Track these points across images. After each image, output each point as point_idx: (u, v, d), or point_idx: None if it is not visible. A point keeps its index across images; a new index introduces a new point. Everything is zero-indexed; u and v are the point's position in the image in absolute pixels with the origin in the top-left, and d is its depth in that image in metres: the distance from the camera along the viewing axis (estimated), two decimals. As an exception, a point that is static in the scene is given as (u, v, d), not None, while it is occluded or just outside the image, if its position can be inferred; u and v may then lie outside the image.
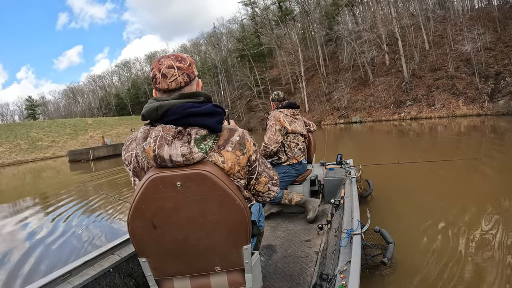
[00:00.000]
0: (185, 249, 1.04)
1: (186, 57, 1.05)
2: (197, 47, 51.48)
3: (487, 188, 4.08)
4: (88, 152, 17.58)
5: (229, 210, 0.99)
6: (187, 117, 0.96)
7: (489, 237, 2.54)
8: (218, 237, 1.03)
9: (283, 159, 2.82)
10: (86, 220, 4.51)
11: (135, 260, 1.67)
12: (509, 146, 7.76)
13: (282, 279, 1.86)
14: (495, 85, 16.81)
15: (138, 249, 1.03)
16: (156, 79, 1.02)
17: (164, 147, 0.91)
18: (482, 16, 21.87)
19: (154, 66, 1.03)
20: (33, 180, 12.59)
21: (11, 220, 5.17)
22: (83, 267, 1.45)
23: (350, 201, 2.31)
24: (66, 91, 66.81)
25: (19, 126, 32.79)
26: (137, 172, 1.04)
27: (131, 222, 0.97)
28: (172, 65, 1.01)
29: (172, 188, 0.93)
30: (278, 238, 2.48)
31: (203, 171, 0.93)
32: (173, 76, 1.00)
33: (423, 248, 2.47)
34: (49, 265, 3.23)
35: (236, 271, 1.12)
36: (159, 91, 1.04)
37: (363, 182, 3.79)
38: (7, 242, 4.15)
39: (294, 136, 2.80)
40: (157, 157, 0.91)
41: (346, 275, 1.28)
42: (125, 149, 1.08)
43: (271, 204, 2.95)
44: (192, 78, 1.05)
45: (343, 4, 29.42)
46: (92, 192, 6.29)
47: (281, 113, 2.80)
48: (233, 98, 38.63)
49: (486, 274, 2.02)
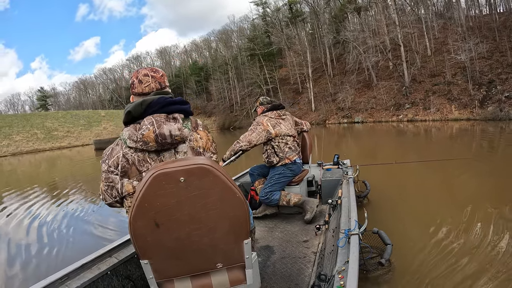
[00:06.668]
0: (187, 247, 1.03)
1: (159, 70, 1.23)
2: (208, 44, 52.09)
3: (484, 188, 4.13)
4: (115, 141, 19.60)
5: (230, 203, 1.00)
6: (168, 106, 1.12)
7: (487, 237, 2.54)
8: (220, 232, 1.04)
9: (275, 161, 2.79)
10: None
11: (133, 262, 1.67)
12: (498, 148, 8.35)
13: (280, 280, 1.85)
14: (487, 92, 18.13)
15: (140, 250, 1.01)
16: (133, 84, 1.19)
17: (162, 126, 1.08)
18: (484, 26, 22.87)
19: (133, 75, 1.21)
20: (81, 163, 14.48)
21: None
22: (80, 270, 1.44)
23: (348, 201, 2.29)
24: (77, 82, 67.73)
25: (34, 116, 34.31)
26: (126, 171, 1.11)
27: (133, 222, 0.95)
28: (147, 74, 1.19)
29: (175, 184, 0.93)
30: (275, 239, 2.47)
31: (206, 165, 0.94)
32: (147, 82, 1.17)
33: (421, 249, 2.48)
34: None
35: (236, 268, 1.13)
36: (135, 95, 1.20)
37: (360, 183, 3.75)
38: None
39: (281, 138, 2.78)
40: (158, 136, 1.06)
41: (344, 275, 1.28)
42: (107, 158, 1.14)
43: (265, 206, 2.92)
44: (164, 86, 1.22)
45: (352, 9, 30.52)
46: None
47: (265, 117, 2.81)
48: (242, 96, 39.76)
49: (485, 275, 2.03)
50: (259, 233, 2.59)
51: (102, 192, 1.21)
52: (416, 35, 25.25)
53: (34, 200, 6.38)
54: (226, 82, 42.25)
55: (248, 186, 3.31)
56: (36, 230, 4.34)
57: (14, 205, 6.15)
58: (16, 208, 5.76)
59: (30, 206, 5.81)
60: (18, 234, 4.30)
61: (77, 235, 4.00)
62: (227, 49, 45.85)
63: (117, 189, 1.14)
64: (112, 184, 1.14)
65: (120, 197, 1.15)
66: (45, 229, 4.33)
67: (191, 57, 55.52)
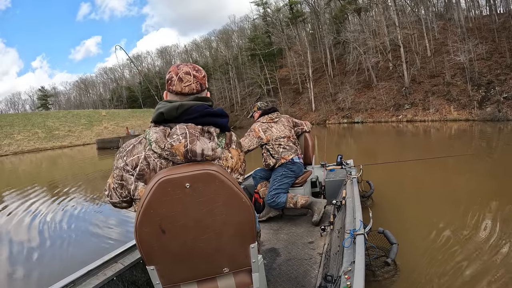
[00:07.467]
0: (194, 253, 1.03)
1: (202, 69, 1.14)
2: (208, 43, 52.41)
3: (488, 186, 4.15)
4: (118, 141, 19.90)
5: (236, 208, 1.00)
6: (205, 116, 1.03)
7: (493, 237, 2.53)
8: (226, 237, 1.03)
9: (272, 163, 2.83)
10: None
11: (139, 268, 1.67)
12: (497, 146, 8.55)
13: (287, 282, 1.85)
14: (486, 93, 18.27)
15: (146, 256, 1.01)
16: (171, 81, 1.09)
17: (196, 142, 0.98)
18: (483, 27, 23.00)
19: (172, 70, 1.10)
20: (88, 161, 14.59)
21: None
22: (86, 277, 1.44)
23: (352, 201, 2.28)
24: (77, 82, 67.83)
25: (35, 116, 34.25)
26: (144, 175, 1.03)
27: (139, 229, 0.95)
28: (189, 72, 1.09)
29: (181, 190, 0.92)
30: (281, 241, 2.47)
31: (211, 171, 0.94)
32: (188, 81, 1.08)
33: (426, 248, 2.48)
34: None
35: (243, 272, 1.13)
36: (172, 92, 1.10)
37: (363, 183, 3.73)
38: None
39: (274, 141, 2.82)
40: (188, 152, 0.97)
41: (351, 275, 1.27)
42: (126, 154, 1.06)
43: (269, 208, 2.91)
44: (204, 88, 1.13)
45: (352, 9, 30.61)
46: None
47: (257, 123, 2.87)
48: (243, 95, 39.97)
49: (491, 275, 2.01)
50: (264, 235, 2.60)
51: (110, 189, 1.14)
52: (416, 36, 25.37)
53: (34, 198, 6.47)
54: (227, 82, 42.46)
55: (252, 189, 3.28)
56: (36, 229, 4.37)
57: (15, 203, 6.23)
58: (16, 207, 5.84)
59: (31, 205, 5.88)
60: (18, 233, 4.32)
61: (77, 234, 4.02)
62: (227, 49, 46.09)
63: (128, 189, 1.07)
64: (124, 183, 1.07)
65: (130, 198, 1.10)
66: (45, 228, 4.37)
67: (192, 56, 55.62)
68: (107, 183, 1.16)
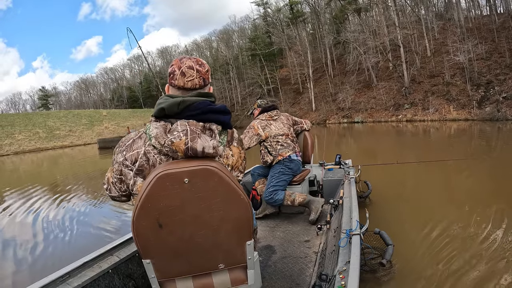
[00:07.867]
0: (190, 248, 1.03)
1: (205, 64, 1.12)
2: (209, 43, 52.36)
3: (486, 188, 4.13)
4: (119, 140, 19.78)
5: (234, 205, 1.00)
6: (207, 113, 1.02)
7: (490, 240, 2.51)
8: (223, 233, 1.03)
9: (269, 160, 2.85)
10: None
11: (134, 261, 1.67)
12: (496, 145, 8.59)
13: (281, 279, 1.85)
14: (485, 93, 18.33)
15: (143, 250, 1.01)
16: (174, 75, 1.07)
17: (197, 140, 0.96)
18: (483, 27, 23.04)
19: (175, 63, 1.08)
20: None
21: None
22: (81, 269, 1.43)
23: (349, 201, 2.28)
24: (78, 82, 67.74)
25: (36, 116, 34.15)
26: (143, 171, 1.02)
27: (136, 222, 0.95)
28: (192, 67, 1.07)
29: (180, 185, 0.92)
30: (277, 238, 2.47)
31: (210, 167, 0.94)
32: (191, 76, 1.06)
33: (422, 250, 2.47)
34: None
35: (238, 269, 1.13)
36: (174, 87, 1.08)
37: (361, 183, 3.72)
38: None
39: (272, 138, 2.84)
40: (189, 149, 0.95)
41: (345, 275, 1.27)
42: (125, 149, 1.04)
43: (266, 205, 2.91)
44: (207, 83, 1.12)
45: (352, 10, 30.65)
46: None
47: (256, 120, 2.89)
48: (243, 95, 39.97)
49: (487, 276, 2.02)
50: (260, 232, 2.59)
51: (109, 184, 1.14)
52: (416, 36, 25.42)
53: (35, 197, 6.53)
54: (227, 82, 42.52)
55: (250, 186, 3.29)
56: (36, 227, 4.43)
57: (16, 202, 6.28)
58: (18, 207, 5.89)
59: (32, 204, 5.93)
60: (18, 232, 4.37)
61: (77, 232, 4.07)
62: (228, 49, 46.12)
63: (127, 184, 1.07)
64: (123, 178, 1.08)
65: (129, 192, 1.11)
66: (45, 226, 4.43)
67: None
68: (106, 176, 1.17)
